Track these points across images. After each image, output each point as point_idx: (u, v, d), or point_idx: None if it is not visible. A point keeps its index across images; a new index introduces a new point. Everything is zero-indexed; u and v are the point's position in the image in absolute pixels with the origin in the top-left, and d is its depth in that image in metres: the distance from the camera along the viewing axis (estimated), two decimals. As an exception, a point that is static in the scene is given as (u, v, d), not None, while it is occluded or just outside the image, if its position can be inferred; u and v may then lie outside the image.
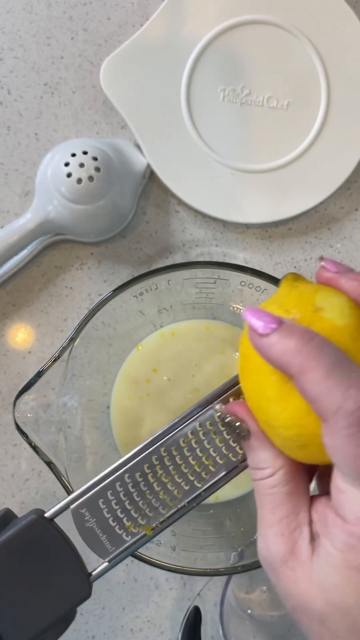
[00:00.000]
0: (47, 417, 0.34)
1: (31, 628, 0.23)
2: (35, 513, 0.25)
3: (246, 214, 0.43)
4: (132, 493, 0.26)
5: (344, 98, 0.42)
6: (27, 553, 0.24)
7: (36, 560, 0.24)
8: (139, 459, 0.26)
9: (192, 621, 0.40)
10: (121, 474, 0.26)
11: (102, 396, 0.40)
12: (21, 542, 0.24)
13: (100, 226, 0.42)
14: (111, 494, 0.26)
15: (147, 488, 0.26)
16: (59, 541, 0.24)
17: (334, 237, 0.44)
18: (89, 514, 0.25)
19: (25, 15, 0.44)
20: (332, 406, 0.20)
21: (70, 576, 0.24)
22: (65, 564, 0.24)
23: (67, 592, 0.24)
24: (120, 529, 0.26)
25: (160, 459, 0.26)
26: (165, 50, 0.41)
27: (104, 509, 0.26)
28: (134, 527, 0.26)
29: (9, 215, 0.44)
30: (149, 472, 0.26)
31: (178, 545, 0.35)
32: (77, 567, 0.24)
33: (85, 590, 0.24)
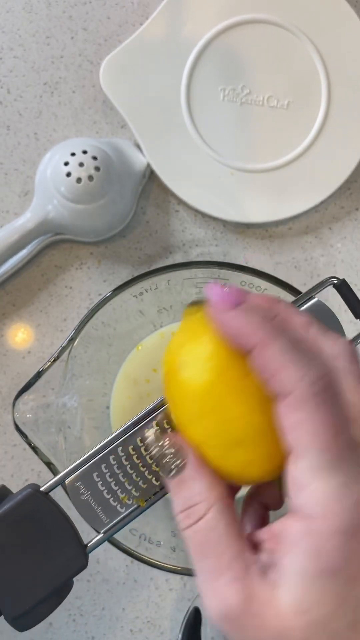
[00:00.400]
0: (46, 418, 0.34)
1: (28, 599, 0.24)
2: (31, 487, 0.25)
3: (246, 214, 0.43)
4: (126, 466, 0.26)
5: (344, 98, 0.42)
6: (23, 526, 0.24)
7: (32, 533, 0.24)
8: (131, 432, 0.26)
9: (192, 622, 0.40)
10: (114, 447, 0.26)
11: (102, 396, 0.40)
12: (17, 516, 0.24)
13: (100, 226, 0.42)
14: (105, 467, 0.26)
15: (140, 461, 0.26)
16: (54, 514, 0.25)
17: (334, 237, 0.44)
18: (84, 487, 0.26)
19: (25, 15, 0.44)
20: (296, 375, 0.20)
21: (67, 548, 0.25)
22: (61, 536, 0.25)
23: (64, 563, 0.24)
24: (114, 501, 0.26)
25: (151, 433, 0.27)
26: (165, 49, 0.41)
27: (98, 482, 0.26)
28: (128, 499, 0.26)
29: (8, 215, 0.44)
30: (141, 445, 0.26)
31: (178, 545, 0.35)
32: (73, 538, 0.25)
33: (81, 561, 0.25)
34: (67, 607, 0.42)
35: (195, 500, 0.22)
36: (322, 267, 0.44)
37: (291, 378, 0.20)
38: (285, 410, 0.20)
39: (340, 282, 0.29)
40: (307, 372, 0.20)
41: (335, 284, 0.29)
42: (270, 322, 0.21)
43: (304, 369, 0.20)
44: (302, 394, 0.20)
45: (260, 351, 0.21)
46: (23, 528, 0.24)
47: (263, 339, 0.21)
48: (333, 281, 0.29)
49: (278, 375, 0.20)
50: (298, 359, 0.20)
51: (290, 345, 0.20)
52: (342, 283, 0.29)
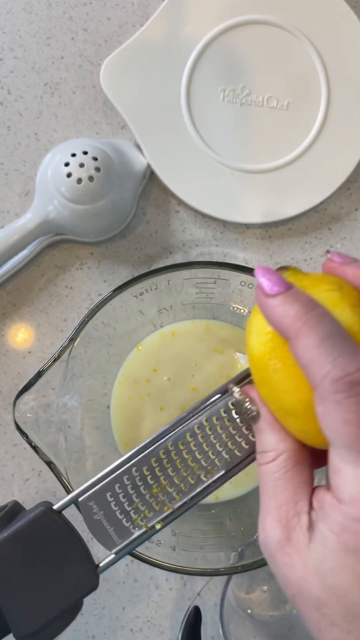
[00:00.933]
0: (47, 417, 0.34)
1: (39, 618, 0.24)
2: (44, 505, 0.25)
3: (246, 214, 0.43)
4: (140, 486, 0.26)
5: (344, 98, 0.42)
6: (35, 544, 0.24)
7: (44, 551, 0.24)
8: (146, 452, 0.26)
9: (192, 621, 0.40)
10: (129, 467, 0.26)
11: (102, 396, 0.40)
12: (29, 534, 0.24)
13: (100, 226, 0.42)
14: (119, 487, 0.26)
15: (154, 481, 0.26)
16: (66, 533, 0.25)
17: (334, 237, 0.44)
18: (97, 506, 0.26)
19: (25, 16, 0.44)
20: (320, 372, 0.20)
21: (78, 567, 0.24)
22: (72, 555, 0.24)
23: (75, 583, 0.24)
24: (127, 522, 0.26)
25: (167, 453, 0.27)
26: (165, 50, 0.41)
27: (111, 502, 0.26)
28: (140, 520, 0.26)
29: (9, 215, 0.44)
30: (156, 466, 0.26)
31: (178, 545, 0.35)
32: (84, 558, 0.25)
33: (92, 581, 0.25)
34: (68, 606, 0.42)
35: (267, 448, 0.24)
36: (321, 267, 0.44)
37: (316, 374, 0.21)
38: (316, 400, 0.21)
39: None
40: (330, 370, 0.20)
41: None
42: (309, 313, 0.21)
43: (328, 366, 0.20)
44: (323, 391, 0.20)
45: (293, 343, 0.22)
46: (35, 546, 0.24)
47: (297, 331, 0.21)
48: None
49: (307, 369, 0.21)
50: (326, 355, 0.20)
51: (321, 339, 0.21)
52: None
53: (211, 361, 0.40)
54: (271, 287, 0.23)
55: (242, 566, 0.33)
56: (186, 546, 0.35)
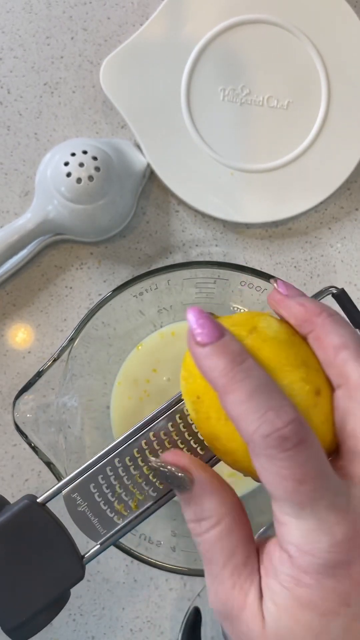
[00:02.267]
0: (46, 417, 0.34)
1: (25, 610, 0.24)
2: (28, 498, 0.25)
3: (246, 214, 0.43)
4: (123, 477, 0.26)
5: (344, 98, 0.42)
6: (19, 537, 0.24)
7: (29, 544, 0.24)
8: (128, 443, 0.27)
9: (192, 622, 0.40)
10: (111, 458, 0.26)
11: (102, 396, 0.40)
12: (14, 527, 0.24)
13: (100, 226, 0.42)
14: (102, 478, 0.26)
15: (137, 471, 0.26)
16: (51, 525, 0.25)
17: (334, 237, 0.44)
18: (81, 498, 0.26)
19: (25, 15, 0.44)
20: (249, 428, 0.20)
21: (64, 559, 0.25)
22: (58, 547, 0.25)
23: (61, 574, 0.24)
24: (111, 512, 0.26)
25: (149, 443, 0.27)
26: (165, 49, 0.41)
27: (95, 493, 0.26)
28: (124, 510, 0.26)
29: (8, 215, 0.44)
30: (138, 456, 0.27)
31: (178, 545, 0.35)
32: (70, 549, 0.25)
33: (78, 572, 0.25)
34: (67, 606, 0.42)
35: (204, 515, 0.22)
36: (321, 268, 0.44)
37: (246, 430, 0.20)
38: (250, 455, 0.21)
39: (339, 291, 0.29)
40: (259, 426, 0.20)
41: (334, 294, 0.29)
42: (235, 368, 0.21)
43: (257, 422, 0.20)
44: (255, 447, 0.20)
45: (221, 398, 0.21)
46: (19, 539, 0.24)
47: (223, 387, 0.21)
48: (332, 290, 0.29)
49: (237, 425, 0.21)
50: (253, 412, 0.20)
51: (248, 395, 0.20)
52: (341, 293, 0.29)
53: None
54: (200, 335, 0.22)
55: (242, 567, 0.33)
56: (186, 547, 0.35)
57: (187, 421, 0.27)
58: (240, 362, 0.21)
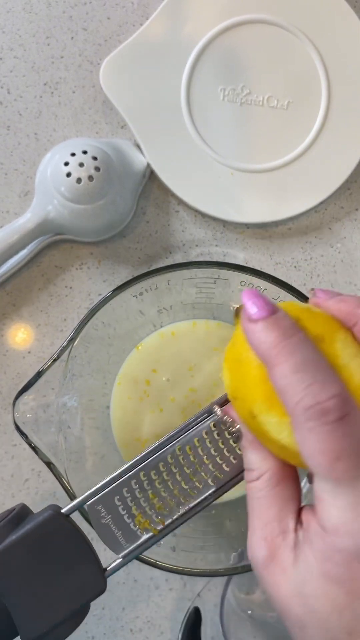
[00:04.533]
0: (46, 417, 0.34)
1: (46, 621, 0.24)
2: (52, 509, 0.25)
3: (246, 214, 0.43)
4: (147, 490, 0.26)
5: (344, 98, 0.42)
6: (43, 548, 0.24)
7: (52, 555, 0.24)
8: (153, 457, 0.27)
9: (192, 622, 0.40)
10: (136, 471, 0.26)
11: (102, 396, 0.40)
12: (38, 537, 0.24)
13: (100, 226, 0.42)
14: (126, 491, 0.26)
15: (161, 486, 0.26)
16: (75, 537, 0.25)
17: (334, 237, 0.44)
18: (105, 510, 0.26)
19: (25, 15, 0.44)
20: (292, 400, 0.21)
21: (86, 571, 0.24)
22: (80, 559, 0.25)
23: (83, 586, 0.24)
24: (135, 526, 0.26)
25: (175, 457, 0.27)
26: (165, 49, 0.41)
27: (119, 506, 0.26)
28: (148, 525, 0.26)
29: (8, 215, 0.44)
30: (163, 470, 0.26)
31: (178, 545, 0.35)
32: (92, 562, 0.25)
33: (100, 585, 0.25)
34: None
35: (251, 466, 0.25)
36: (321, 268, 0.44)
37: (289, 402, 0.21)
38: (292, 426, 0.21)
39: None
40: (303, 398, 0.20)
41: None
42: (285, 340, 0.22)
43: (301, 394, 0.20)
44: (296, 419, 0.21)
45: (270, 370, 0.22)
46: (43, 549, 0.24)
47: (272, 359, 0.22)
48: None
49: (282, 396, 0.21)
50: (298, 383, 0.21)
51: (295, 368, 0.21)
52: None
53: (211, 361, 0.40)
54: (254, 312, 0.23)
55: (242, 567, 0.33)
56: (186, 547, 0.35)
57: (214, 436, 0.27)
58: (290, 335, 0.22)
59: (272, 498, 0.23)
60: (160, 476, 0.26)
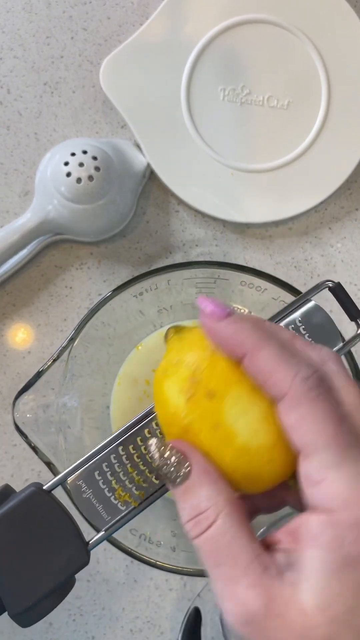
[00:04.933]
0: (46, 417, 0.34)
1: (31, 595, 0.24)
2: (34, 485, 0.26)
3: (246, 214, 0.43)
4: (126, 464, 0.27)
5: (345, 98, 0.42)
6: (26, 524, 0.25)
7: (36, 530, 0.25)
8: (131, 432, 0.27)
9: (192, 622, 0.40)
10: (115, 446, 0.27)
11: (102, 396, 0.40)
12: (21, 514, 0.25)
13: (100, 226, 0.42)
14: (106, 466, 0.27)
15: (140, 460, 0.27)
16: (57, 512, 0.25)
17: (334, 237, 0.44)
18: (86, 485, 0.27)
19: (25, 15, 0.44)
20: (288, 375, 0.21)
21: (69, 545, 0.25)
22: (64, 533, 0.25)
23: (66, 560, 0.25)
24: (115, 499, 0.27)
25: (152, 432, 0.27)
26: (165, 49, 0.41)
27: (99, 480, 0.27)
28: (129, 497, 0.27)
29: (8, 215, 0.44)
30: (141, 445, 0.27)
31: (178, 546, 0.35)
32: (75, 536, 0.25)
33: (83, 558, 0.25)
34: (67, 607, 0.42)
35: (202, 506, 0.21)
36: (322, 267, 0.44)
37: (286, 377, 0.21)
38: (286, 410, 0.21)
39: (335, 285, 0.30)
40: (299, 370, 0.21)
41: (330, 287, 0.30)
42: (262, 325, 0.22)
43: (296, 367, 0.21)
44: (298, 390, 0.21)
45: (253, 356, 0.22)
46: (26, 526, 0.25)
47: (255, 343, 0.22)
48: (328, 284, 0.30)
49: (273, 377, 0.21)
50: (289, 359, 0.21)
51: (281, 348, 0.22)
52: (337, 286, 0.30)
53: (211, 361, 0.40)
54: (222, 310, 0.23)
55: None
56: (186, 547, 0.35)
57: None
58: (263, 322, 0.23)
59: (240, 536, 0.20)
60: (139, 450, 0.27)
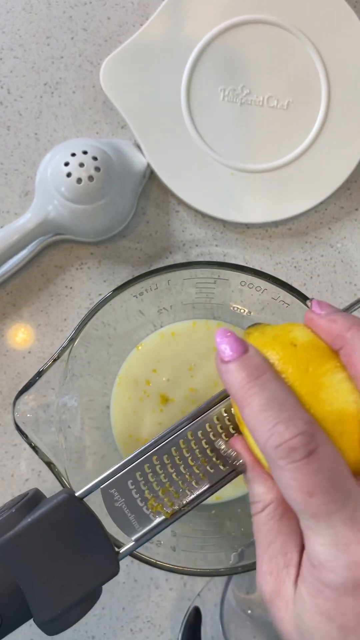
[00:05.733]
0: (47, 417, 0.34)
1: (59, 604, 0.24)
2: (66, 492, 0.25)
3: (246, 214, 0.43)
4: (160, 474, 0.27)
5: (344, 98, 0.42)
6: (57, 531, 0.24)
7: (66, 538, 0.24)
8: (166, 442, 0.27)
9: (193, 621, 0.40)
10: (149, 456, 0.27)
11: (102, 396, 0.40)
12: (52, 520, 0.24)
13: (100, 226, 0.42)
14: (140, 475, 0.26)
15: (173, 470, 0.27)
16: (88, 520, 0.25)
17: (334, 237, 0.44)
18: (118, 494, 0.26)
19: (25, 15, 0.44)
20: (261, 439, 0.21)
21: (99, 554, 0.25)
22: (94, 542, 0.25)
23: (96, 569, 0.25)
24: (147, 509, 0.26)
25: (187, 442, 0.27)
26: (165, 50, 0.41)
27: (132, 490, 0.26)
28: (161, 508, 0.27)
29: (9, 215, 0.44)
30: (175, 455, 0.27)
31: (178, 545, 0.35)
32: (105, 544, 0.25)
33: (113, 568, 0.25)
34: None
35: (255, 498, 0.24)
36: (321, 267, 0.44)
37: (258, 441, 0.21)
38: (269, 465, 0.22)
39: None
40: (269, 438, 0.21)
41: None
42: (252, 382, 0.22)
43: (267, 434, 0.21)
44: (268, 458, 0.21)
45: (240, 410, 0.22)
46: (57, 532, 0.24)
47: (241, 399, 0.22)
48: None
49: (253, 436, 0.22)
50: (266, 422, 0.21)
51: (264, 407, 0.21)
52: None
53: (211, 361, 0.40)
54: (225, 353, 0.23)
55: (242, 566, 0.33)
56: (186, 547, 0.35)
57: (225, 422, 0.27)
58: (257, 376, 0.22)
59: (276, 531, 0.23)
60: (173, 460, 0.27)
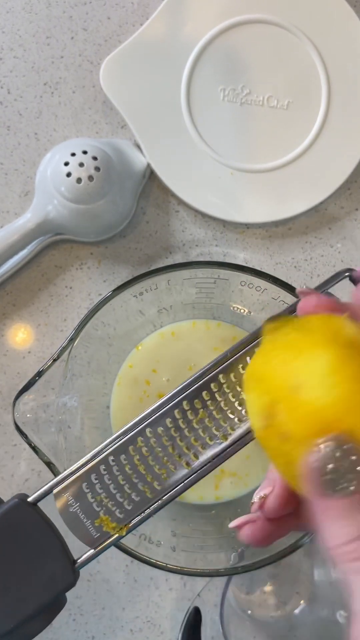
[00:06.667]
0: (47, 417, 0.34)
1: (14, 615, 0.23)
2: (18, 497, 0.24)
3: (246, 214, 0.43)
4: (117, 476, 0.24)
5: (344, 98, 0.42)
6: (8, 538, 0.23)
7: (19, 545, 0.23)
8: (123, 440, 0.25)
9: (192, 622, 0.40)
10: (105, 456, 0.25)
11: (102, 396, 0.40)
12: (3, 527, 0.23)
13: (100, 226, 0.42)
14: (95, 478, 0.24)
15: (132, 471, 0.25)
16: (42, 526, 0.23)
17: (334, 237, 0.44)
18: (73, 498, 0.24)
19: (25, 15, 0.44)
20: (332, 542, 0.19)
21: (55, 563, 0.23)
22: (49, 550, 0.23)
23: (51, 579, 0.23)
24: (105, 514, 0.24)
25: (145, 440, 0.25)
26: (165, 49, 0.41)
27: (87, 493, 0.24)
28: (120, 513, 0.24)
29: (8, 215, 0.44)
30: (134, 455, 0.25)
31: (178, 545, 0.35)
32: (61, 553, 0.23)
33: (69, 577, 0.23)
34: (67, 606, 0.42)
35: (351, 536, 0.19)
36: (321, 267, 0.44)
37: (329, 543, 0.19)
38: None
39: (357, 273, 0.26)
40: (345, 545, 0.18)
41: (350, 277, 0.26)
42: None
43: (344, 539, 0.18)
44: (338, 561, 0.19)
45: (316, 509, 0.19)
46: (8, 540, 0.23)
47: None
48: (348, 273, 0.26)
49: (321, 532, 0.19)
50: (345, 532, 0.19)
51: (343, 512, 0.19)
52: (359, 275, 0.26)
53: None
54: None
55: (242, 567, 0.33)
56: (186, 547, 0.35)
57: (188, 417, 0.25)
58: None
59: None
60: (131, 461, 0.24)
